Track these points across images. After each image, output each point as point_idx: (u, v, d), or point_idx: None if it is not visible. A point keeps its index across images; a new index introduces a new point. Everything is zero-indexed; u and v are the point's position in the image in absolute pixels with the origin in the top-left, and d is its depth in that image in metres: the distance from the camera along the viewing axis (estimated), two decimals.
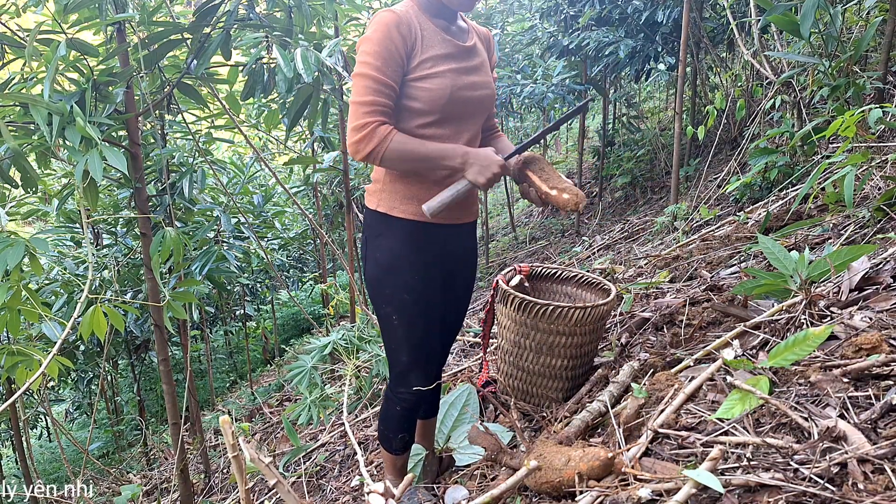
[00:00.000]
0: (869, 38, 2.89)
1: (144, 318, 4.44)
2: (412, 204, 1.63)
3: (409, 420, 1.86)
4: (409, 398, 1.77)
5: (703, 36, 5.26)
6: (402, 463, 1.94)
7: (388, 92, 1.51)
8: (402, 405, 1.79)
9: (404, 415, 1.82)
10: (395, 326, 1.69)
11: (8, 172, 2.25)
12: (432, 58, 1.55)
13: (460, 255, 1.81)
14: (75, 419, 6.52)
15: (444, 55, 1.57)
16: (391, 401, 1.82)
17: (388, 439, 1.87)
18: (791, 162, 3.46)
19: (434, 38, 1.57)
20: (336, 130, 4.19)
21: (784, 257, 1.91)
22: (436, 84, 1.54)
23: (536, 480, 1.48)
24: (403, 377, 1.75)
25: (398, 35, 1.49)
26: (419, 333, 1.70)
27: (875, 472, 1.12)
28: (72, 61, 2.22)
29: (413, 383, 1.74)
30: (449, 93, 1.55)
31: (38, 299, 2.24)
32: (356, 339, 3.11)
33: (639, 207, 6.35)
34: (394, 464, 1.93)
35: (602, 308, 2.01)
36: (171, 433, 2.78)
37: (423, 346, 1.72)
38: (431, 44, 1.56)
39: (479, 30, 1.76)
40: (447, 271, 1.76)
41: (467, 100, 1.61)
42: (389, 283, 1.66)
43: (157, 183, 3.24)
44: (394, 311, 1.67)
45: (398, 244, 1.64)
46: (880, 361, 1.39)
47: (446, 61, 1.57)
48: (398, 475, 1.94)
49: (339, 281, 7.50)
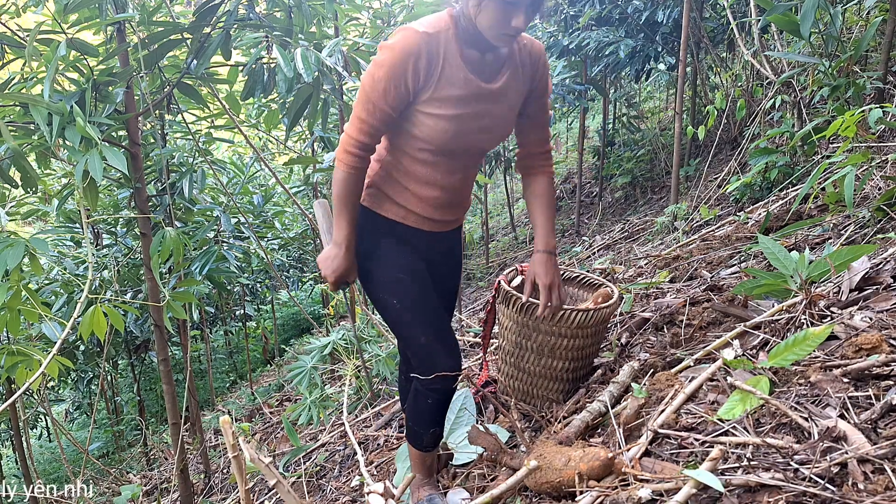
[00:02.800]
0: (869, 38, 2.89)
1: (144, 318, 4.44)
2: (397, 207, 1.66)
3: (441, 413, 1.79)
4: (439, 387, 1.68)
5: (703, 36, 5.26)
6: (432, 460, 1.89)
7: (383, 117, 1.49)
8: (433, 397, 1.71)
9: (436, 408, 1.75)
10: (399, 310, 1.66)
11: (8, 172, 2.25)
12: (444, 98, 1.47)
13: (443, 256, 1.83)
14: (75, 419, 6.53)
15: (459, 98, 1.48)
16: (421, 394, 1.73)
17: (419, 436, 1.81)
18: (791, 162, 3.46)
19: (455, 76, 1.47)
20: (336, 130, 4.19)
21: (784, 257, 1.91)
22: (439, 125, 1.50)
23: (536, 480, 1.48)
24: (429, 360, 1.65)
25: (412, 70, 1.42)
26: (424, 306, 1.66)
27: (875, 473, 1.12)
28: (72, 61, 2.22)
29: (440, 363, 1.64)
30: (450, 136, 1.52)
31: (38, 299, 2.24)
32: (356, 340, 3.11)
33: (639, 207, 6.35)
34: (423, 461, 1.87)
35: (605, 311, 2.00)
36: (171, 433, 2.78)
37: (433, 319, 1.67)
38: (450, 82, 1.46)
39: (529, 48, 1.60)
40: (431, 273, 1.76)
41: (469, 143, 1.57)
42: (380, 269, 1.67)
43: (157, 183, 3.24)
44: (391, 295, 1.66)
45: (380, 235, 1.68)
46: (880, 361, 1.39)
47: (458, 105, 1.49)
48: (427, 473, 1.88)
49: None
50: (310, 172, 4.92)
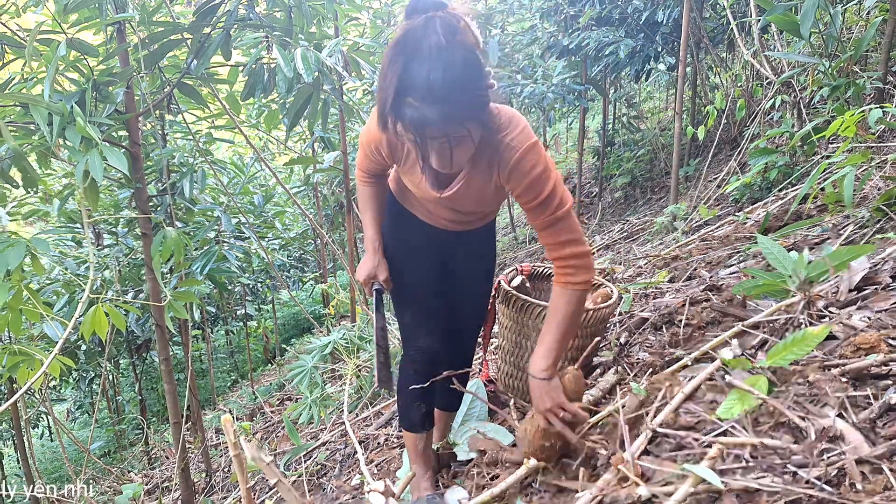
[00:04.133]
0: (869, 38, 2.89)
1: (146, 317, 4.45)
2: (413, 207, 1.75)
3: (424, 388, 1.78)
4: (418, 357, 1.79)
5: (703, 36, 5.26)
6: (424, 444, 1.90)
7: (376, 167, 1.64)
8: (413, 366, 1.80)
9: (418, 379, 1.78)
10: (397, 286, 1.78)
11: (8, 172, 2.25)
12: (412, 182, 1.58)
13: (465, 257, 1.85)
14: (77, 418, 6.54)
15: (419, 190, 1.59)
16: (404, 365, 1.84)
17: (407, 412, 1.85)
18: (791, 162, 3.46)
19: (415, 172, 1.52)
20: (336, 130, 4.19)
21: (783, 257, 1.91)
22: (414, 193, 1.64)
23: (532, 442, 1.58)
24: (407, 336, 1.82)
25: (377, 150, 1.54)
26: (411, 289, 1.78)
27: (873, 473, 1.12)
28: (72, 61, 2.23)
29: (416, 341, 1.79)
30: (432, 204, 1.64)
31: (39, 299, 2.25)
32: (356, 339, 3.11)
33: (638, 207, 6.35)
34: (415, 444, 1.88)
35: (604, 311, 2.01)
36: (173, 432, 2.79)
37: (417, 302, 1.79)
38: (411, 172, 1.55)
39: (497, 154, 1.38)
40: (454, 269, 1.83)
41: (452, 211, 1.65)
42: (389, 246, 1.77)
43: (157, 183, 3.25)
44: (394, 270, 1.76)
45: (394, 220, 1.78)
46: (879, 361, 1.39)
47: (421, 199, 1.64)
48: (421, 458, 1.89)
49: (339, 281, 7.49)
50: (310, 172, 4.93)
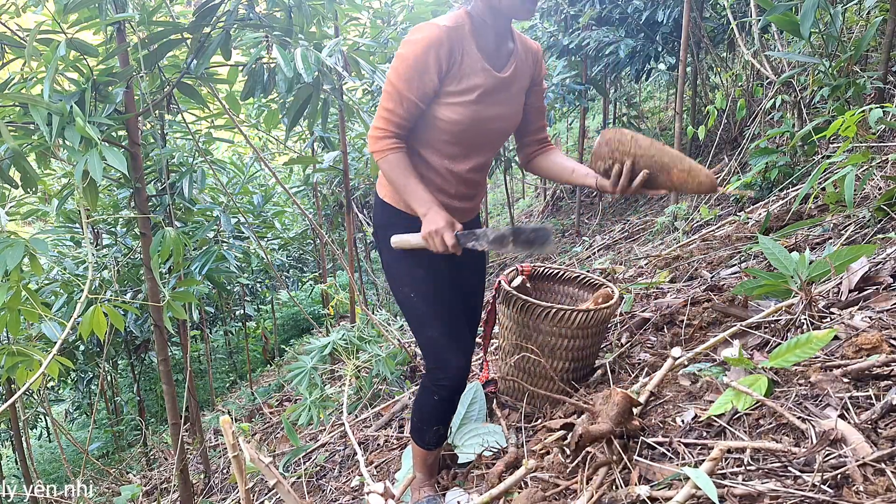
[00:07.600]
0: (869, 38, 2.89)
1: (144, 318, 4.44)
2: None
3: (445, 412, 1.79)
4: (446, 384, 1.70)
5: (703, 36, 5.26)
6: (434, 459, 1.89)
7: (410, 107, 1.56)
8: (439, 393, 1.73)
9: (441, 405, 1.76)
10: (415, 303, 1.70)
11: (8, 172, 2.24)
12: (462, 90, 1.56)
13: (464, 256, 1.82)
14: (75, 419, 6.52)
15: (478, 86, 1.57)
16: (427, 390, 1.75)
17: (422, 432, 1.81)
18: (791, 162, 3.46)
19: (472, 67, 1.57)
20: (336, 130, 4.18)
21: (784, 257, 1.91)
22: (457, 114, 1.58)
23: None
24: (438, 356, 1.70)
25: (434, 60, 1.50)
26: (440, 303, 1.69)
27: (875, 474, 1.12)
28: (72, 61, 2.22)
29: (450, 361, 1.67)
30: (467, 125, 1.60)
31: (37, 299, 2.24)
32: (356, 340, 3.11)
33: (639, 207, 6.35)
34: (425, 459, 1.87)
35: (605, 311, 2.00)
36: (171, 433, 2.78)
37: (447, 317, 1.70)
38: (467, 73, 1.56)
39: (527, 45, 1.73)
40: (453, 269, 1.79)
41: (486, 131, 1.65)
42: (404, 264, 1.71)
43: (156, 183, 3.24)
44: (411, 289, 1.70)
45: (400, 230, 1.70)
46: (880, 361, 1.39)
47: (478, 92, 1.58)
48: (428, 472, 1.89)
49: (338, 281, 7.49)
50: (309, 172, 4.92)
